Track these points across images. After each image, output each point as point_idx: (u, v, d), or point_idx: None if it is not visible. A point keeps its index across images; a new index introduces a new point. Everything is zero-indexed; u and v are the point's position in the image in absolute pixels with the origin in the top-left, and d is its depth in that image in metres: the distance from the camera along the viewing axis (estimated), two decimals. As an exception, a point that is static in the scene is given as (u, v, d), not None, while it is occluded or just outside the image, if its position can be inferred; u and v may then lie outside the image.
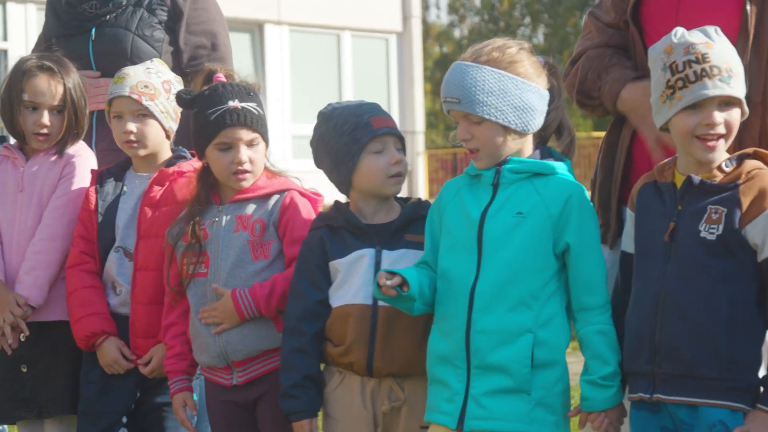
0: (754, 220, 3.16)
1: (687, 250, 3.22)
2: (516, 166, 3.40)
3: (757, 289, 3.19)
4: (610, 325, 3.36)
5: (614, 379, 3.33)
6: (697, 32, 3.24)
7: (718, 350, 3.15)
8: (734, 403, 3.14)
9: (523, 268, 3.34)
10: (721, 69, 3.18)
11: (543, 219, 3.35)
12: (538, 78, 3.40)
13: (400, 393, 3.57)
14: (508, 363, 3.32)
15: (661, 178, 3.34)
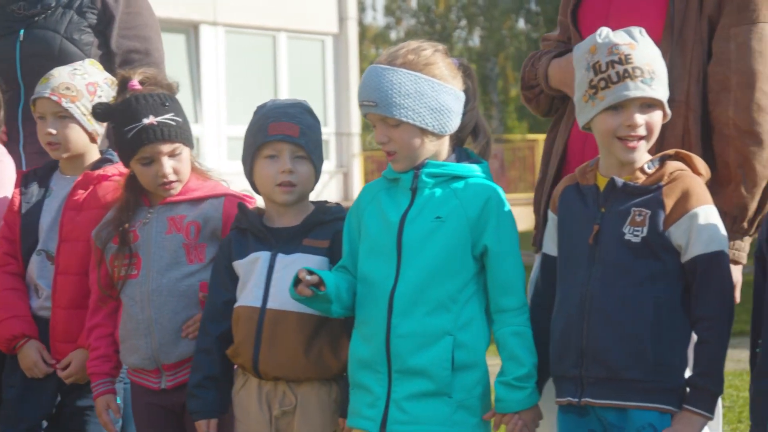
0: (678, 221, 3.18)
1: (611, 252, 3.23)
2: (434, 170, 3.40)
3: (682, 291, 3.21)
4: (526, 326, 3.37)
5: (528, 381, 3.33)
6: (622, 33, 3.25)
7: (645, 352, 3.16)
8: (662, 405, 3.16)
9: (442, 271, 3.34)
10: (643, 71, 3.19)
11: (461, 222, 3.35)
12: (453, 80, 3.40)
13: (292, 397, 3.56)
14: (429, 366, 3.33)
15: (584, 181, 3.35)
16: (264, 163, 3.60)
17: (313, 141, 3.63)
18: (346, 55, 21.29)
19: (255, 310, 3.56)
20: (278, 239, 3.61)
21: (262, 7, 19.91)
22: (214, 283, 3.68)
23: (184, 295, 3.74)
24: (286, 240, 3.61)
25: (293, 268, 3.46)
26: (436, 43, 3.43)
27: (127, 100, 3.76)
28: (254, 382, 3.59)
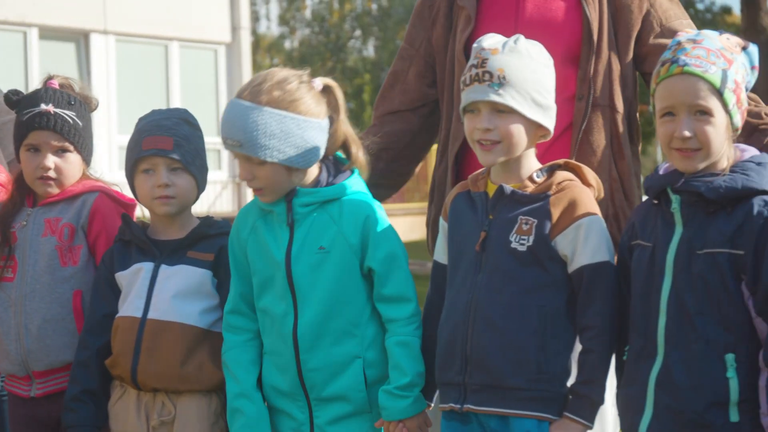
0: (564, 231, 3.21)
1: (497, 260, 3.24)
2: (306, 198, 3.38)
3: (567, 300, 3.23)
4: (413, 336, 3.39)
5: (411, 390, 3.36)
6: (492, 38, 3.28)
7: (528, 361, 3.18)
8: (542, 413, 3.18)
9: (338, 301, 3.36)
10: (492, 75, 3.21)
11: (345, 249, 3.36)
12: (318, 110, 3.36)
13: (170, 408, 3.56)
14: (345, 391, 3.38)
15: (474, 188, 3.36)
16: (141, 178, 3.59)
17: (191, 151, 3.59)
18: (239, 65, 21.16)
19: (135, 321, 3.54)
20: (162, 251, 3.60)
21: (154, 16, 19.71)
22: (95, 295, 3.65)
23: (56, 302, 3.69)
24: (170, 252, 3.60)
25: (176, 280, 3.49)
26: (300, 72, 3.37)
27: (36, 90, 3.75)
28: (133, 394, 3.57)
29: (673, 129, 3.09)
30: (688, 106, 3.07)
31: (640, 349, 3.15)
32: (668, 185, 3.14)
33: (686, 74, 3.08)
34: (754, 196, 3.06)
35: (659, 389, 3.09)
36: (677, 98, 3.08)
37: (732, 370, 3.03)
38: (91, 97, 3.85)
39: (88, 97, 3.84)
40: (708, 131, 3.07)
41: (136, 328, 3.53)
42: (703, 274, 3.05)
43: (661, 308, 3.10)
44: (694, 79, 3.07)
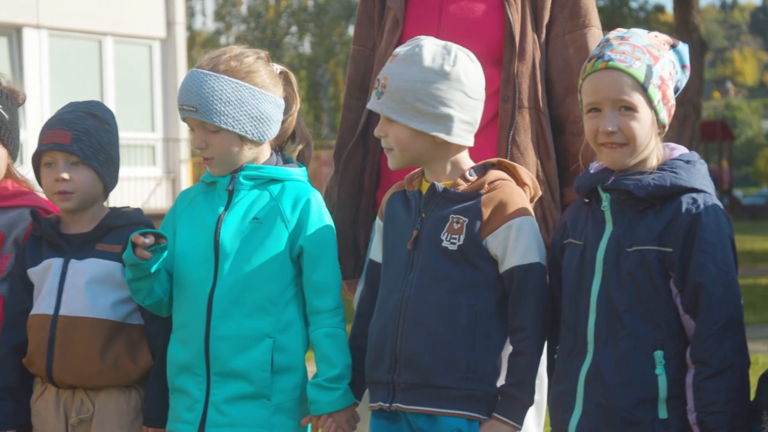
0: (495, 231, 3.20)
1: (428, 258, 3.24)
2: (251, 172, 3.41)
3: (498, 299, 3.23)
4: (340, 328, 3.39)
5: (340, 382, 3.35)
6: (408, 44, 3.29)
7: (457, 360, 3.18)
8: (471, 412, 3.18)
9: (261, 273, 3.34)
10: (379, 83, 3.24)
11: (279, 225, 3.37)
12: (274, 87, 3.42)
13: (89, 405, 3.53)
14: (248, 369, 3.33)
15: (410, 187, 3.36)
16: (44, 171, 3.58)
17: (92, 145, 3.56)
18: (174, 60, 21.02)
19: (47, 318, 3.51)
20: (71, 245, 3.57)
21: (87, 11, 19.52)
22: (9, 292, 3.62)
23: None
24: (79, 246, 3.57)
25: (86, 274, 3.46)
26: (258, 50, 3.45)
27: None
28: (52, 391, 3.54)
29: (598, 124, 3.11)
30: (612, 100, 3.09)
31: (571, 347, 3.17)
32: (598, 184, 3.16)
33: (611, 69, 3.10)
34: (683, 194, 3.08)
35: (589, 386, 3.10)
36: (602, 93, 3.10)
37: (660, 367, 3.05)
38: (19, 92, 3.80)
39: (15, 91, 3.79)
40: (632, 126, 3.09)
41: (48, 326, 3.50)
42: (632, 272, 3.07)
43: (591, 306, 3.12)
44: (618, 73, 3.09)
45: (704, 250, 3.03)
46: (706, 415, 3.00)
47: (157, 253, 3.30)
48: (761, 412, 3.03)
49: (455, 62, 3.24)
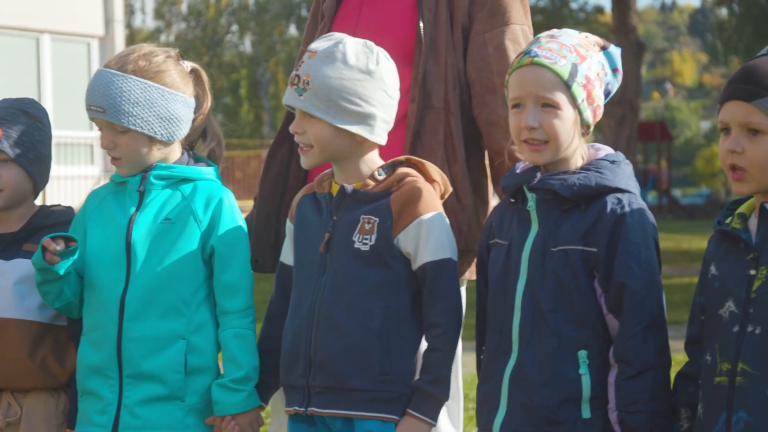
0: (406, 228, 3.19)
1: (341, 261, 3.22)
2: (162, 172, 3.39)
3: (412, 298, 3.22)
4: (249, 329, 3.37)
5: (246, 384, 3.33)
6: (323, 39, 3.28)
7: (371, 362, 3.16)
8: (385, 414, 3.17)
9: (173, 274, 3.32)
10: (300, 80, 3.22)
11: (191, 225, 3.35)
12: (185, 87, 3.40)
13: (17, 408, 3.50)
14: (161, 370, 3.31)
15: (320, 189, 3.34)
16: None
17: (23, 143, 3.53)
18: (112, 59, 20.88)
19: None
20: None
21: (25, 8, 19.34)
22: None
23: None
24: (6, 246, 3.53)
25: (12, 275, 3.42)
26: (168, 48, 3.43)
27: None
28: None
29: (521, 119, 3.12)
30: (534, 96, 3.10)
31: (496, 347, 3.17)
32: (524, 183, 3.16)
33: (535, 65, 3.10)
34: (608, 194, 3.09)
35: (513, 386, 3.10)
36: (525, 88, 3.10)
37: (584, 366, 3.06)
38: None
39: None
40: (554, 124, 3.09)
41: None
42: (557, 271, 3.08)
43: (516, 305, 3.12)
44: (542, 70, 3.09)
45: (628, 250, 3.05)
46: (627, 414, 3.02)
47: (66, 256, 3.26)
48: (680, 409, 3.05)
49: (378, 61, 3.25)
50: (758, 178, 2.87)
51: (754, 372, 2.82)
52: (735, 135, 2.87)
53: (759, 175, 2.86)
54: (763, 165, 2.85)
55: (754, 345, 2.83)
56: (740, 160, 2.87)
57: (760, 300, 2.84)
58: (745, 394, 2.83)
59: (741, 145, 2.86)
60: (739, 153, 2.86)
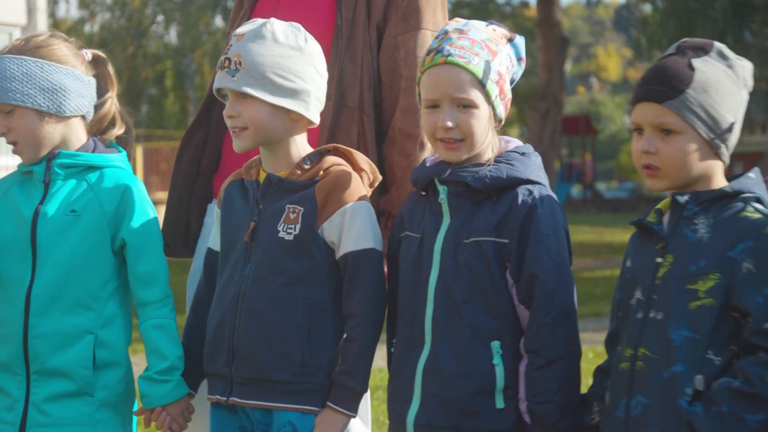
0: (330, 218, 3.18)
1: (265, 251, 3.21)
2: (66, 160, 3.34)
3: (335, 290, 3.21)
4: (169, 319, 3.35)
5: (172, 374, 3.30)
6: (248, 24, 3.26)
7: (292, 354, 3.15)
8: (304, 406, 3.16)
9: (80, 268, 3.29)
10: (231, 61, 3.20)
11: (98, 216, 3.31)
12: (74, 61, 3.35)
13: None
14: (69, 366, 3.27)
15: (248, 176, 3.32)
16: None
17: None
18: (34, 48, 20.62)
19: None
20: None
21: (-56, -4, 19.04)
22: None
23: None
24: None
25: None
26: (58, 33, 3.39)
27: None
28: None
29: (437, 119, 3.12)
30: (451, 97, 3.10)
31: (408, 339, 3.17)
32: (435, 176, 3.17)
33: (450, 64, 3.11)
34: (519, 185, 3.12)
35: (427, 377, 3.11)
36: (441, 89, 3.11)
37: (498, 357, 3.08)
38: None
39: None
40: (471, 123, 3.11)
41: None
42: (470, 263, 3.09)
43: (428, 297, 3.13)
44: (457, 69, 3.10)
45: (539, 241, 3.07)
46: (536, 405, 3.04)
47: None
48: (593, 403, 3.08)
49: (306, 39, 3.25)
50: (671, 176, 2.93)
51: (653, 356, 2.87)
52: (648, 136, 2.92)
53: (672, 173, 2.92)
54: (677, 164, 2.91)
55: (654, 330, 2.89)
56: (654, 160, 2.92)
57: (663, 286, 2.90)
58: (644, 377, 2.88)
59: (654, 146, 2.91)
60: (653, 153, 2.92)
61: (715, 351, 2.83)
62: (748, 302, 2.79)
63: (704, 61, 2.93)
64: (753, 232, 2.82)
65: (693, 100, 2.88)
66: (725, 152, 2.94)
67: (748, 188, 2.90)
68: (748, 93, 2.99)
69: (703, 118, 2.89)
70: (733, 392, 2.76)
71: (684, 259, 2.88)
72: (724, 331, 2.83)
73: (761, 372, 2.75)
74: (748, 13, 26.24)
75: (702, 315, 2.83)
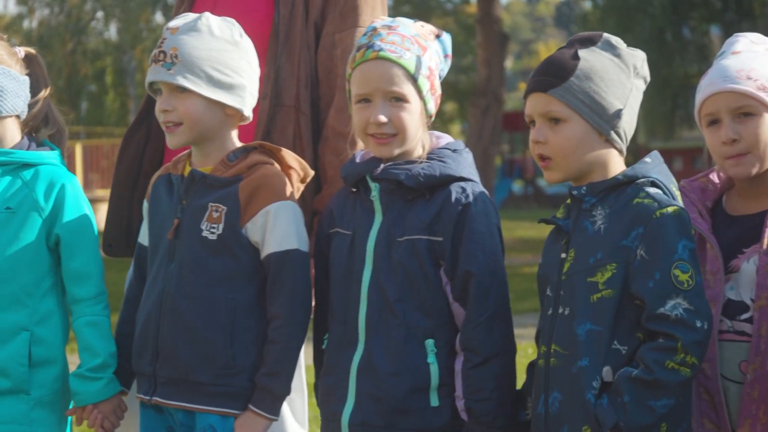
0: (254, 218, 3.15)
1: (188, 249, 3.18)
2: (1, 158, 3.30)
3: (260, 290, 3.18)
4: (102, 316, 3.32)
5: (104, 371, 3.27)
6: (180, 17, 3.24)
7: (215, 355, 3.13)
8: (225, 408, 3.14)
9: (15, 265, 3.25)
10: (166, 55, 3.17)
11: (32, 213, 3.28)
12: (10, 60, 3.31)
13: None
14: (4, 363, 3.23)
15: (174, 171, 3.29)
16: None
17: None
18: (-30, 45, 20.40)
19: None
20: None
21: None
22: None
23: None
24: None
25: None
26: None
27: None
28: None
29: (368, 114, 3.11)
30: (383, 91, 3.09)
31: (341, 338, 3.16)
32: (367, 173, 3.15)
33: (381, 59, 3.10)
34: (452, 183, 3.11)
35: (361, 376, 3.10)
36: (373, 84, 3.10)
37: (432, 355, 3.08)
38: None
39: None
40: (403, 117, 3.09)
41: None
42: (403, 261, 3.08)
43: (362, 296, 3.12)
44: (389, 64, 3.09)
45: (473, 239, 3.07)
46: (473, 402, 3.04)
47: None
48: (527, 398, 3.09)
49: (241, 34, 3.24)
50: (563, 165, 2.96)
51: (564, 352, 2.90)
52: (539, 126, 2.97)
53: (563, 162, 2.96)
54: (565, 152, 2.95)
55: (563, 325, 2.92)
56: (545, 150, 2.96)
57: (568, 281, 2.93)
58: (557, 374, 2.91)
59: (544, 135, 2.96)
60: (543, 143, 2.95)
61: (621, 341, 2.86)
62: (642, 289, 2.82)
63: (590, 51, 2.97)
64: (644, 217, 2.85)
65: (577, 87, 2.92)
66: (617, 139, 2.97)
67: (643, 173, 2.94)
68: (644, 82, 3.03)
69: (588, 104, 2.93)
70: (633, 381, 2.79)
71: (584, 252, 2.92)
72: (628, 320, 2.86)
73: (658, 358, 2.78)
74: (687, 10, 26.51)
75: (603, 307, 2.86)
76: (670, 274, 2.81)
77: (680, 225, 2.85)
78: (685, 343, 2.77)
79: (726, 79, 3.11)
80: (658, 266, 2.81)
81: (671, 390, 2.79)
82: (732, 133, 3.08)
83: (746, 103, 3.09)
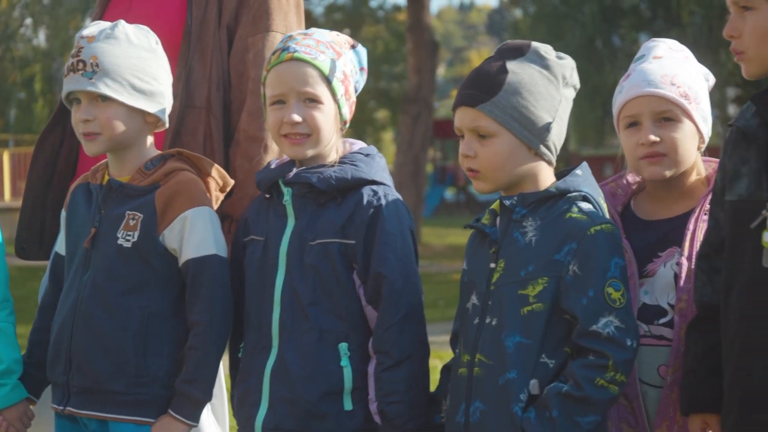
0: (170, 225, 3.14)
1: (104, 258, 3.16)
2: None
3: (176, 297, 3.17)
4: (7, 323, 3.29)
5: (8, 378, 3.24)
6: (94, 25, 3.22)
7: (127, 364, 3.11)
8: (138, 417, 3.12)
9: None
10: (86, 64, 3.15)
11: None
12: None
13: None
14: None
15: (93, 180, 3.27)
16: None
17: None
18: None
19: None
20: None
21: None
22: None
23: None
24: None
25: None
26: None
27: None
28: None
29: (282, 116, 3.11)
30: (297, 92, 3.10)
31: (255, 343, 3.15)
32: (279, 178, 3.15)
33: (296, 60, 3.10)
34: (363, 186, 3.11)
35: (275, 381, 3.10)
36: (287, 84, 3.10)
37: (346, 358, 3.08)
38: None
39: None
40: (317, 117, 3.10)
41: None
42: (316, 265, 3.08)
43: (275, 300, 3.11)
44: (303, 65, 3.10)
45: (385, 241, 3.07)
46: (386, 405, 3.04)
47: None
48: (441, 401, 3.09)
49: (157, 41, 3.24)
50: (492, 178, 2.96)
51: (489, 362, 2.89)
52: (467, 140, 2.96)
53: (492, 175, 2.96)
54: (495, 166, 2.94)
55: (489, 336, 2.90)
56: (473, 164, 2.96)
57: (497, 292, 2.92)
58: (481, 383, 2.90)
59: (473, 149, 2.95)
60: (473, 157, 2.95)
61: (549, 354, 2.86)
62: (574, 305, 2.82)
63: (518, 63, 2.96)
64: (577, 233, 2.86)
65: (505, 102, 2.91)
66: (546, 152, 2.97)
67: (574, 187, 2.94)
68: (574, 90, 3.03)
69: (517, 119, 2.92)
70: (562, 397, 2.79)
71: (514, 264, 2.91)
72: (557, 334, 2.86)
73: (589, 375, 2.79)
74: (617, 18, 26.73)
75: (533, 320, 2.86)
76: (603, 292, 2.82)
77: (613, 243, 2.87)
78: (615, 362, 2.79)
79: (650, 83, 3.14)
80: (592, 284, 2.82)
81: (599, 407, 2.80)
82: (653, 135, 3.12)
83: (668, 108, 3.13)
